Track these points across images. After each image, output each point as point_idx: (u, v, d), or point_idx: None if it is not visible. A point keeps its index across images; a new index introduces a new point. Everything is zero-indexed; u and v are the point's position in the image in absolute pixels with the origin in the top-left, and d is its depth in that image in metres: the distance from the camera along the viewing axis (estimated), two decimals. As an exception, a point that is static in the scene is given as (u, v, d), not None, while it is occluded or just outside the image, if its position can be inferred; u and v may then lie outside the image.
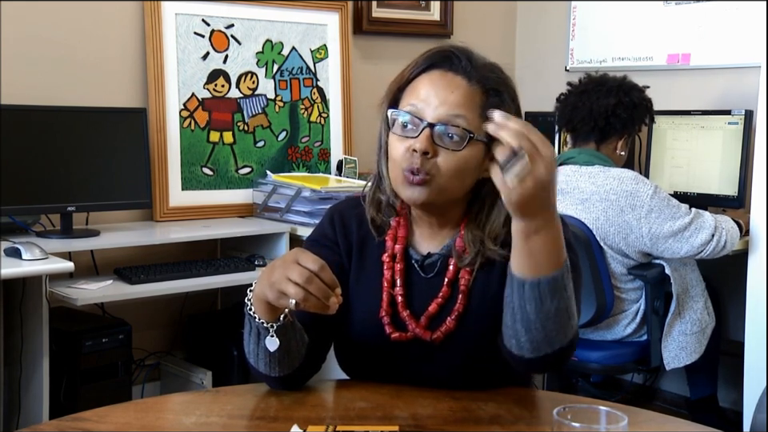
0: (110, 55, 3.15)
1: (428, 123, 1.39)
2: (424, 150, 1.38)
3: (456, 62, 1.43)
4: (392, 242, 1.52)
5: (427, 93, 1.41)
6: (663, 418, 1.44)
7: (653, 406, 3.54)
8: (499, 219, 1.45)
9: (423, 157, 1.38)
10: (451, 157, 1.39)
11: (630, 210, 2.65)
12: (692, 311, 2.81)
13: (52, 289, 2.56)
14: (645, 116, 2.88)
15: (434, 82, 1.42)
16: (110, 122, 2.94)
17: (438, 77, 1.42)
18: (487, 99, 1.42)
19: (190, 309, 3.31)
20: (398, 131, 1.42)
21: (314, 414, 1.39)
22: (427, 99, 1.41)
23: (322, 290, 1.27)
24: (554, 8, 4.10)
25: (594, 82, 2.86)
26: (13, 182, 2.69)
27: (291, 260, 1.28)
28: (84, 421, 1.35)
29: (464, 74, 1.42)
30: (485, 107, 1.40)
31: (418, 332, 1.47)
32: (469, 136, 1.38)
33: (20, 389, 2.64)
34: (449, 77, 1.42)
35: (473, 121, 1.39)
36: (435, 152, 1.39)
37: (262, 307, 1.35)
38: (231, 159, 3.34)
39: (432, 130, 1.39)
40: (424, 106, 1.41)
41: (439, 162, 1.39)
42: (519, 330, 1.31)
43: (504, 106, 1.41)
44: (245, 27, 3.38)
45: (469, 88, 1.41)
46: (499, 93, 1.43)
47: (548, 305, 1.27)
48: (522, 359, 1.34)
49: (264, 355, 1.40)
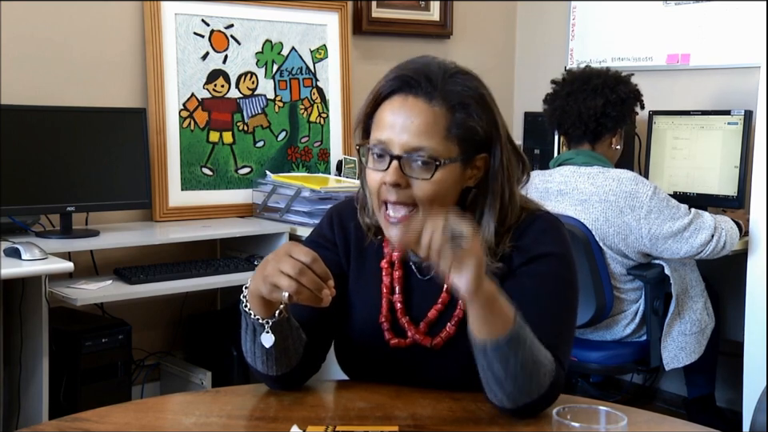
0: (110, 55, 3.15)
1: (394, 156, 1.37)
2: (394, 182, 1.37)
3: (415, 85, 1.39)
4: (390, 249, 1.52)
5: (391, 122, 1.39)
6: (663, 418, 1.45)
7: (652, 406, 3.54)
8: (489, 229, 1.44)
9: (397, 188, 1.37)
10: (425, 185, 1.37)
11: (629, 211, 2.65)
12: (691, 311, 2.81)
13: (52, 289, 2.56)
14: (634, 107, 2.87)
15: (395, 111, 1.39)
16: (110, 122, 2.93)
17: (399, 104, 1.39)
18: (453, 116, 1.39)
19: (189, 309, 3.31)
20: (371, 164, 1.41)
21: (313, 414, 1.39)
22: (392, 129, 1.38)
23: (315, 282, 1.27)
24: (554, 8, 4.10)
25: (579, 79, 2.82)
26: (12, 182, 2.69)
27: (283, 253, 1.28)
28: (84, 421, 1.35)
29: (424, 95, 1.38)
30: (451, 127, 1.38)
31: (417, 338, 1.48)
32: (435, 164, 1.37)
33: (20, 389, 2.64)
34: (409, 102, 1.38)
35: (438, 145, 1.37)
36: (407, 182, 1.38)
37: (257, 303, 1.35)
38: (231, 159, 3.34)
39: (399, 162, 1.37)
40: (389, 137, 1.38)
41: (415, 192, 1.38)
42: (494, 388, 1.33)
43: (471, 119, 1.39)
44: (244, 27, 3.38)
45: (431, 111, 1.38)
46: (465, 106, 1.39)
47: (513, 361, 1.28)
48: (505, 410, 1.35)
49: (261, 353, 1.40)
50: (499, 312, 1.27)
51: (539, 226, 1.47)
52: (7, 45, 2.90)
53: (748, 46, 3.34)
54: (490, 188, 1.44)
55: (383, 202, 1.40)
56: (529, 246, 1.45)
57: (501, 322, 1.27)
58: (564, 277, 1.45)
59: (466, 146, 1.41)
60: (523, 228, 1.47)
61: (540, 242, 1.46)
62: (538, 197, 2.25)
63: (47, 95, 2.94)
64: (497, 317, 1.27)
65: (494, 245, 1.43)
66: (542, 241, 1.46)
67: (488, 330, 1.27)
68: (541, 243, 1.46)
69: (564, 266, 1.46)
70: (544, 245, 1.45)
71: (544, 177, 2.83)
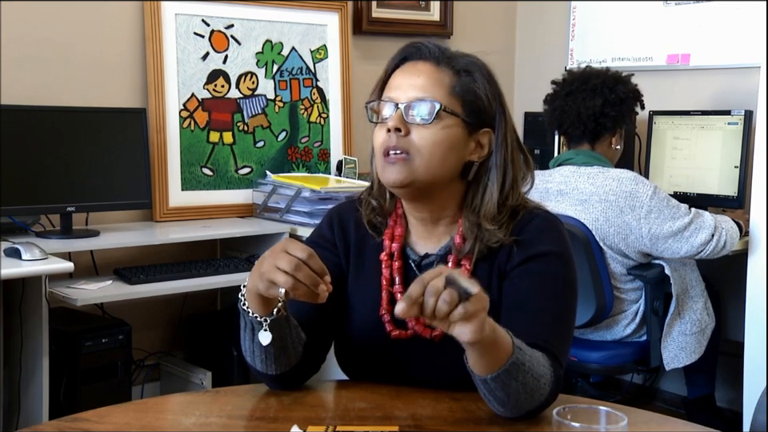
0: (110, 55, 3.15)
1: (397, 104, 1.45)
2: (396, 126, 1.43)
3: (425, 51, 1.49)
4: (389, 241, 1.53)
5: (399, 82, 1.48)
6: (663, 418, 1.44)
7: (652, 406, 3.54)
8: (492, 199, 1.47)
9: (397, 134, 1.43)
10: (424, 132, 1.43)
11: (629, 211, 2.65)
12: (692, 311, 2.81)
13: (52, 289, 2.56)
14: (634, 107, 2.87)
15: (405, 72, 1.49)
16: (110, 122, 2.94)
17: (409, 66, 1.49)
18: (458, 79, 1.47)
19: (189, 309, 3.31)
20: (377, 120, 1.48)
21: (313, 414, 1.39)
22: (399, 87, 1.47)
23: (311, 278, 1.28)
24: (554, 8, 4.10)
25: (579, 79, 2.83)
26: (13, 182, 2.69)
27: (280, 249, 1.29)
28: (84, 421, 1.35)
29: (432, 59, 1.48)
30: (455, 86, 1.46)
31: (417, 329, 1.48)
32: (436, 108, 1.42)
33: (20, 389, 2.64)
34: (418, 65, 1.48)
35: (442, 98, 1.44)
36: (408, 130, 1.43)
37: (255, 301, 1.36)
38: (231, 159, 3.34)
39: (402, 110, 1.44)
40: (396, 93, 1.46)
41: (413, 138, 1.43)
42: (496, 406, 1.33)
43: (476, 84, 1.47)
44: (244, 27, 3.38)
45: (437, 70, 1.47)
46: (470, 72, 1.48)
47: (514, 385, 1.28)
48: (507, 418, 1.35)
49: (260, 352, 1.41)
50: (498, 347, 1.27)
51: (537, 225, 1.48)
52: (7, 45, 2.90)
53: (748, 45, 3.34)
54: (494, 161, 1.48)
55: (386, 152, 1.44)
56: (527, 245, 1.46)
57: (499, 355, 1.27)
58: (562, 275, 1.46)
59: (469, 110, 1.46)
60: (521, 226, 1.47)
61: (538, 241, 1.46)
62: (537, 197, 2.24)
63: (47, 95, 2.94)
64: (496, 352, 1.27)
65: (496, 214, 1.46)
66: (540, 239, 1.46)
67: (488, 366, 1.27)
68: (539, 242, 1.46)
69: (562, 264, 1.46)
70: (542, 243, 1.46)
71: (544, 177, 2.84)
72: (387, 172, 1.45)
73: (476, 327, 1.19)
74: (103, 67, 3.13)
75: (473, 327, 1.19)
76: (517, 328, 1.38)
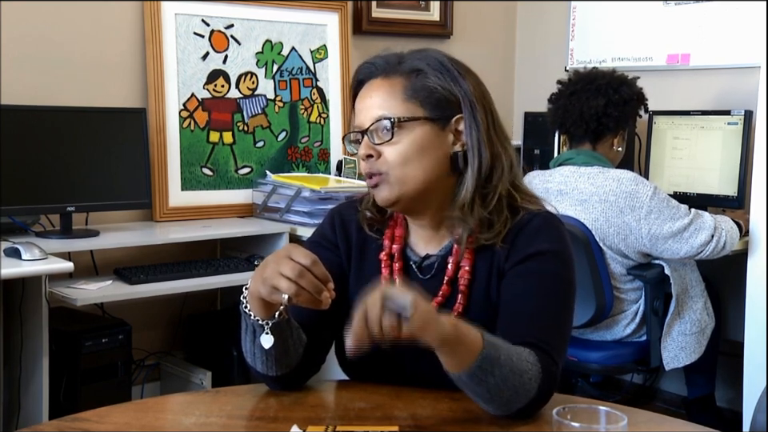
0: (110, 55, 3.15)
1: (360, 131, 1.48)
2: (366, 154, 1.46)
3: (372, 68, 1.50)
4: (389, 242, 1.54)
5: (359, 107, 1.50)
6: (663, 418, 1.44)
7: (652, 406, 3.54)
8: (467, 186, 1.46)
9: (371, 160, 1.46)
10: (390, 149, 1.45)
11: (629, 211, 2.65)
12: (691, 311, 2.81)
13: (52, 289, 2.56)
14: (637, 109, 2.88)
15: (361, 96, 1.51)
16: (110, 122, 2.94)
17: (364, 89, 1.51)
18: (409, 81, 1.47)
19: (189, 309, 3.31)
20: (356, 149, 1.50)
21: (313, 414, 1.39)
22: (360, 112, 1.49)
23: (314, 285, 1.28)
24: (554, 8, 4.10)
25: (584, 79, 2.83)
26: (12, 182, 2.69)
27: (283, 255, 1.29)
28: (84, 421, 1.35)
29: (381, 73, 1.49)
30: (407, 89, 1.46)
31: None
32: (391, 122, 1.44)
33: (20, 389, 2.64)
34: (372, 84, 1.49)
35: (397, 109, 1.45)
36: (378, 152, 1.46)
37: (257, 304, 1.36)
38: (231, 159, 3.34)
39: (368, 135, 1.46)
40: (359, 120, 1.49)
41: (386, 157, 1.45)
42: (483, 404, 1.34)
43: (428, 79, 1.46)
44: (244, 27, 3.38)
45: (386, 82, 1.47)
46: (419, 70, 1.47)
47: (492, 380, 1.29)
48: (501, 417, 1.35)
49: (261, 354, 1.41)
50: (465, 344, 1.28)
51: (536, 224, 1.48)
52: (7, 45, 2.90)
53: (748, 45, 3.34)
54: (468, 144, 1.48)
55: (368, 177, 1.48)
56: (525, 244, 1.46)
57: (469, 351, 1.28)
58: (560, 274, 1.45)
59: (431, 107, 1.46)
60: (520, 226, 1.48)
61: (536, 240, 1.46)
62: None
63: (47, 95, 2.94)
64: (464, 349, 1.28)
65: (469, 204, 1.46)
66: (537, 238, 1.46)
67: (458, 363, 1.28)
68: (536, 241, 1.46)
69: (560, 262, 1.46)
70: (539, 242, 1.46)
71: (544, 177, 2.84)
72: (374, 195, 1.49)
73: (429, 337, 1.23)
74: (103, 67, 3.13)
75: (426, 338, 1.23)
76: (513, 326, 1.39)
